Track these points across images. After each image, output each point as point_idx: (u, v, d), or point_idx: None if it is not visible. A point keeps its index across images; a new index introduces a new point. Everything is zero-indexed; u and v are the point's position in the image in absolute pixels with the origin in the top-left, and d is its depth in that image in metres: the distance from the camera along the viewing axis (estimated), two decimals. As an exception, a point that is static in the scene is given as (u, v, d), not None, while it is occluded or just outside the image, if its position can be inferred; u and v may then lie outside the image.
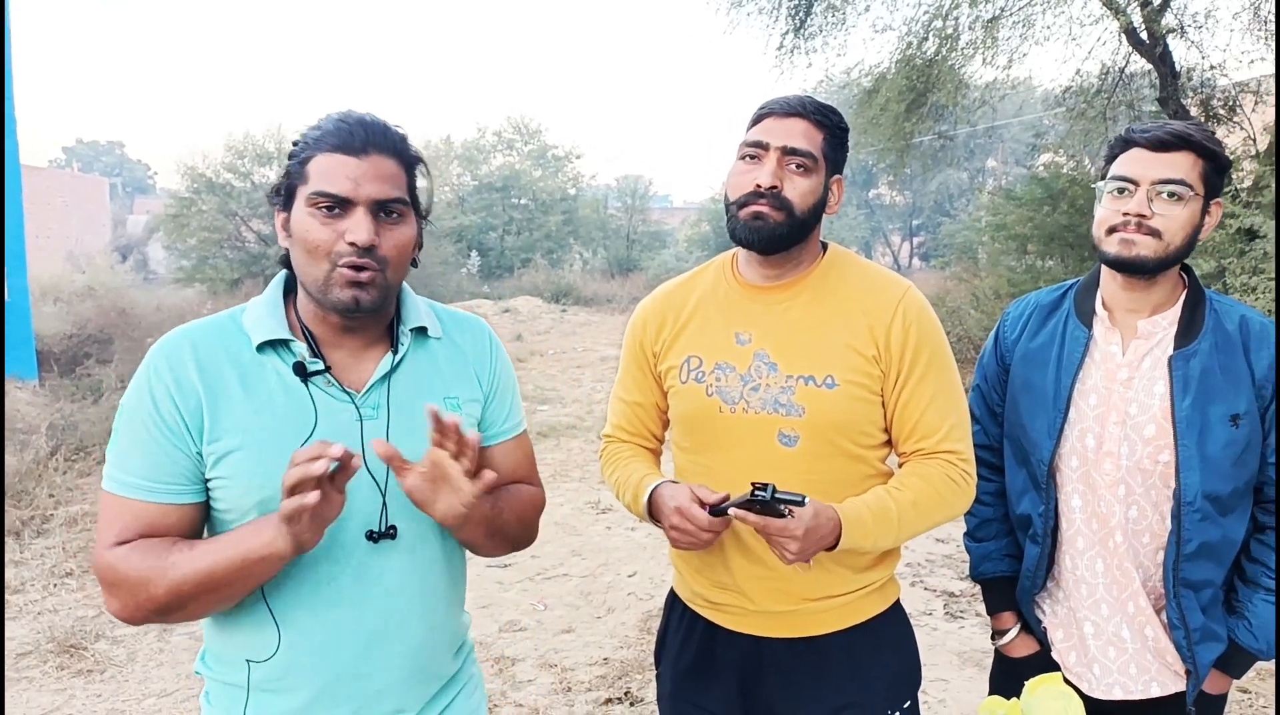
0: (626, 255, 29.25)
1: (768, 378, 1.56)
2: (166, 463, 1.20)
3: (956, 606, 4.35)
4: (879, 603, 1.65)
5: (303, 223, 1.22)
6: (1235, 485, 1.59)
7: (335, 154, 1.21)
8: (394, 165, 1.25)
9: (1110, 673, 1.71)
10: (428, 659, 1.37)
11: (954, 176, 30.59)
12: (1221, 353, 1.60)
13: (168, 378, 1.21)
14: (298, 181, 1.24)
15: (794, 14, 10.53)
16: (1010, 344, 1.82)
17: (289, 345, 1.27)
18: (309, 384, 1.26)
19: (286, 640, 1.25)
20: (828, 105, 1.57)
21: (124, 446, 1.22)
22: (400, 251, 1.26)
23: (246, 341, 1.26)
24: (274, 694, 1.27)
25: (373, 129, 1.24)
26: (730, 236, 1.59)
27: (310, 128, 1.26)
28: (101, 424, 6.90)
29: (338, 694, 1.28)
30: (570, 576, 4.79)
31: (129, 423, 1.22)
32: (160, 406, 1.20)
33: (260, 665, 1.26)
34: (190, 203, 20.43)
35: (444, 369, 1.38)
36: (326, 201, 1.20)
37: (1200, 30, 8.53)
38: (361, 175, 1.21)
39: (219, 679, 1.31)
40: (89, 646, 3.87)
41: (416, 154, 1.30)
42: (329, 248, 1.21)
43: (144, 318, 11.34)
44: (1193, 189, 1.57)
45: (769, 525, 1.36)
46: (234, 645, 1.28)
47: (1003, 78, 9.81)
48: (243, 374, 1.24)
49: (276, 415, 1.23)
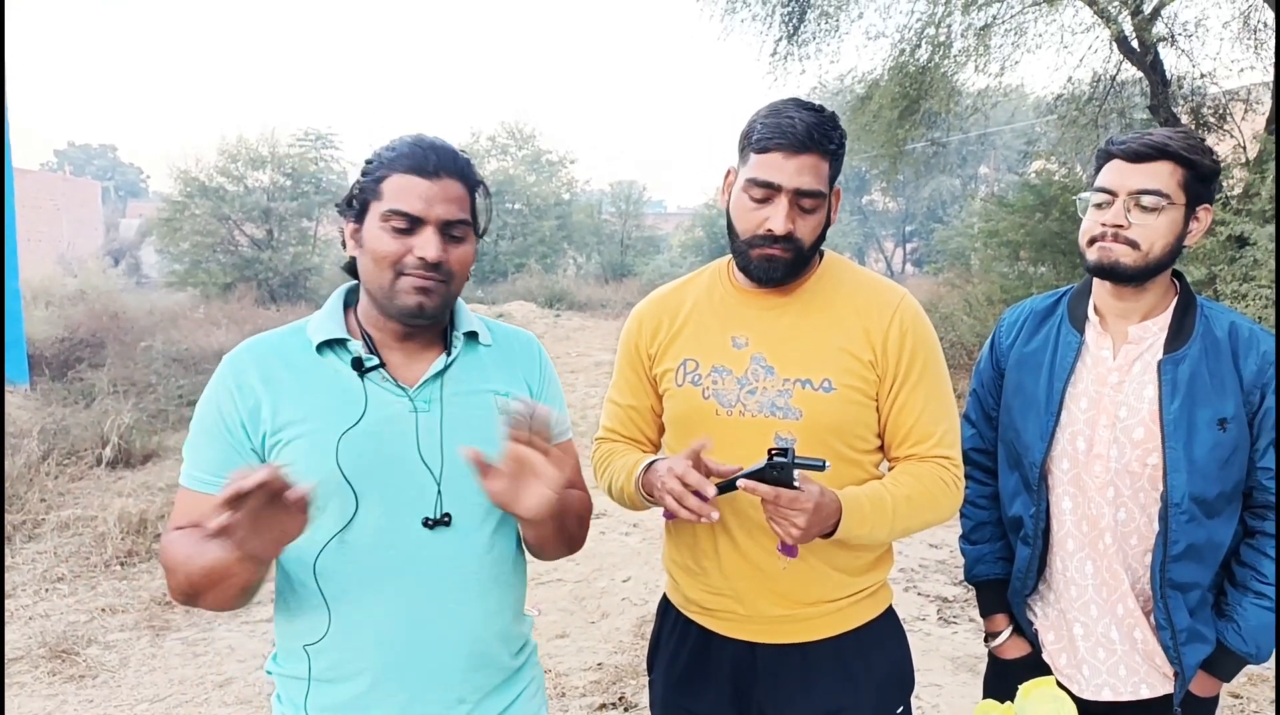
0: (620, 260, 29.27)
1: (765, 381, 1.57)
2: (226, 459, 1.31)
3: (950, 612, 4.36)
4: (872, 608, 1.66)
5: (375, 236, 1.32)
6: (1222, 488, 1.61)
7: (410, 175, 1.30)
8: (460, 188, 1.34)
9: (1099, 674, 1.72)
10: (484, 647, 1.41)
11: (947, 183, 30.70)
12: (1210, 358, 1.62)
13: (231, 384, 1.33)
14: (371, 197, 1.33)
15: (787, 20, 10.55)
16: (1005, 349, 1.84)
17: (346, 344, 1.36)
18: (364, 379, 1.34)
19: (336, 622, 1.32)
20: (828, 118, 1.52)
21: (195, 444, 1.35)
22: (462, 267, 1.36)
23: (308, 346, 1.36)
24: (332, 683, 1.34)
25: (444, 154, 1.33)
26: (740, 269, 1.61)
27: (385, 147, 1.35)
28: (93, 428, 6.88)
29: (393, 680, 1.33)
30: (564, 581, 4.79)
31: (200, 424, 1.35)
32: (223, 409, 1.32)
33: (314, 648, 1.33)
34: (183, 206, 20.36)
35: (492, 372, 1.46)
36: (400, 220, 1.30)
37: (1190, 39, 8.60)
38: (433, 197, 1.30)
39: (285, 674, 1.38)
40: (81, 652, 3.86)
41: (479, 178, 1.40)
42: (397, 259, 1.31)
43: (136, 322, 11.32)
44: (1170, 198, 1.59)
45: (780, 496, 1.34)
46: (294, 634, 1.36)
47: (995, 85, 9.86)
48: (299, 372, 1.35)
49: (330, 403, 1.32)
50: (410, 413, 1.35)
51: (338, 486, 1.29)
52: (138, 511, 5.39)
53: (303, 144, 22.34)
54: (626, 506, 1.69)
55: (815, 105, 1.53)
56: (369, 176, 1.34)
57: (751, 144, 1.52)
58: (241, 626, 4.18)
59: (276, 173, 21.65)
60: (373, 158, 1.36)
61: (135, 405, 7.69)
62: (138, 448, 6.89)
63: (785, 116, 1.49)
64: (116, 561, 4.91)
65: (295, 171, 21.74)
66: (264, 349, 1.37)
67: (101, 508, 5.56)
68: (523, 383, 1.49)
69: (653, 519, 5.56)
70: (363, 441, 1.31)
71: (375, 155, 1.35)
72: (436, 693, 1.36)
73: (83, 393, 8.22)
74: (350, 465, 1.30)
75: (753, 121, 1.54)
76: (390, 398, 1.35)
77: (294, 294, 20.26)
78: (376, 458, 1.31)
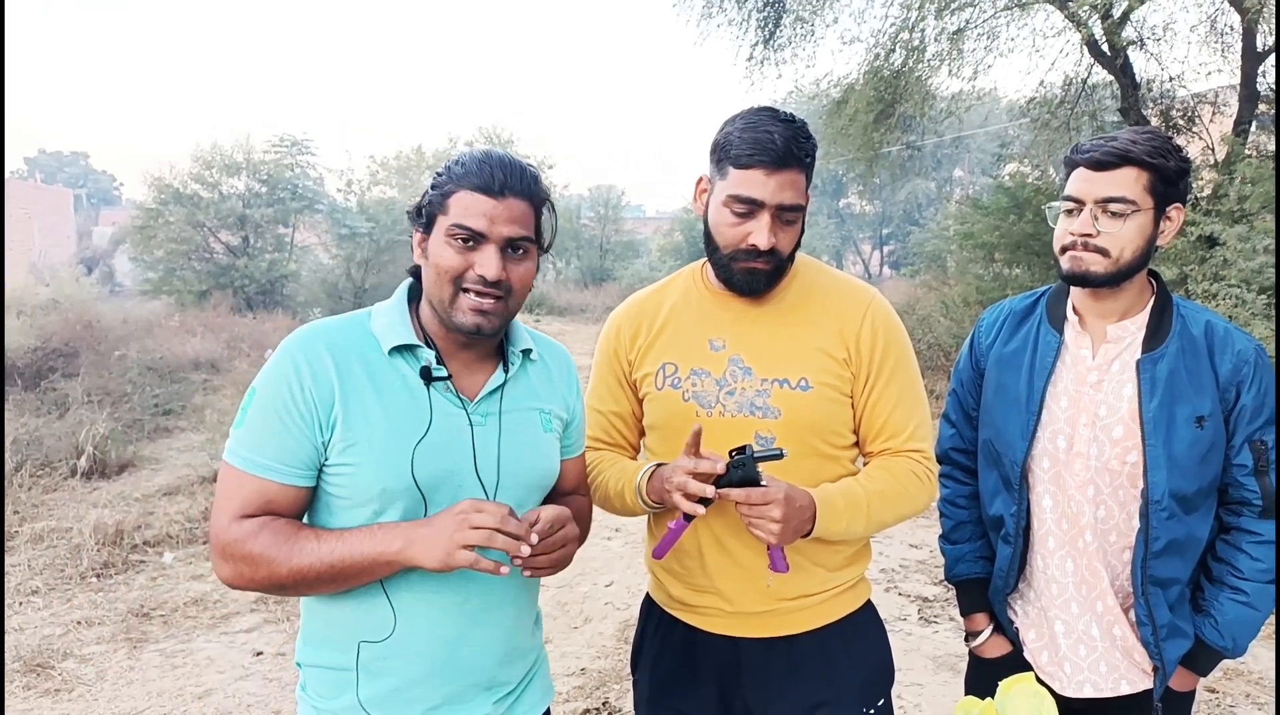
0: (600, 265, 29.30)
1: (743, 382, 1.60)
2: (294, 447, 1.31)
3: (931, 611, 4.39)
4: (851, 602, 1.69)
5: (439, 249, 1.35)
6: (1200, 485, 1.63)
7: (475, 193, 1.34)
8: (525, 206, 1.37)
9: (1081, 671, 1.74)
10: (519, 638, 1.51)
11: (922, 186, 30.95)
12: (1187, 356, 1.64)
13: (305, 369, 1.33)
14: (438, 211, 1.37)
15: (763, 26, 10.63)
16: (985, 349, 1.86)
17: (416, 351, 1.39)
18: (430, 388, 1.38)
19: (402, 624, 1.37)
20: (800, 129, 1.53)
21: (256, 427, 1.33)
22: (523, 284, 1.40)
23: (375, 344, 1.38)
24: (382, 675, 1.38)
25: (511, 171, 1.36)
26: (721, 280, 1.63)
27: (454, 162, 1.39)
28: (67, 439, 6.79)
29: (443, 672, 1.40)
30: (547, 587, 4.77)
31: (262, 406, 1.33)
32: (295, 395, 1.31)
33: (373, 646, 1.37)
34: (157, 214, 20.11)
35: (539, 388, 1.52)
36: (464, 234, 1.33)
37: (1159, 43, 8.74)
38: (497, 215, 1.33)
39: (323, 664, 1.41)
40: (56, 665, 3.80)
41: (545, 194, 1.43)
42: (458, 273, 1.34)
43: (110, 330, 11.17)
44: (1136, 204, 1.61)
45: (750, 495, 1.39)
46: (345, 628, 1.39)
47: (968, 89, 9.97)
48: (372, 373, 1.36)
49: (401, 413, 1.35)
50: (467, 426, 1.39)
51: (410, 494, 1.33)
52: (114, 522, 5.32)
53: (278, 150, 22.15)
54: (616, 512, 1.70)
55: (787, 115, 1.54)
56: (437, 190, 1.37)
57: (730, 158, 1.52)
58: (221, 637, 4.13)
59: (252, 179, 21.45)
60: (442, 171, 1.39)
61: (110, 415, 7.60)
62: (113, 458, 6.81)
63: (763, 131, 1.49)
64: (92, 573, 4.85)
65: (271, 178, 21.55)
66: (336, 339, 1.37)
67: (77, 519, 5.49)
68: (562, 401, 1.55)
69: (635, 523, 5.55)
70: (431, 452, 1.35)
71: (445, 169, 1.39)
72: (478, 681, 1.44)
73: (56, 403, 8.11)
74: (422, 476, 1.34)
75: (728, 133, 1.54)
76: (451, 409, 1.39)
77: (270, 301, 20.09)
78: (440, 468, 1.35)
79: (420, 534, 1.27)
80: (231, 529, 1.30)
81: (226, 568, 1.31)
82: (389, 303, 1.45)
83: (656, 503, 1.56)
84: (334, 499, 1.36)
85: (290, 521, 1.33)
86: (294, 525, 1.32)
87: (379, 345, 1.38)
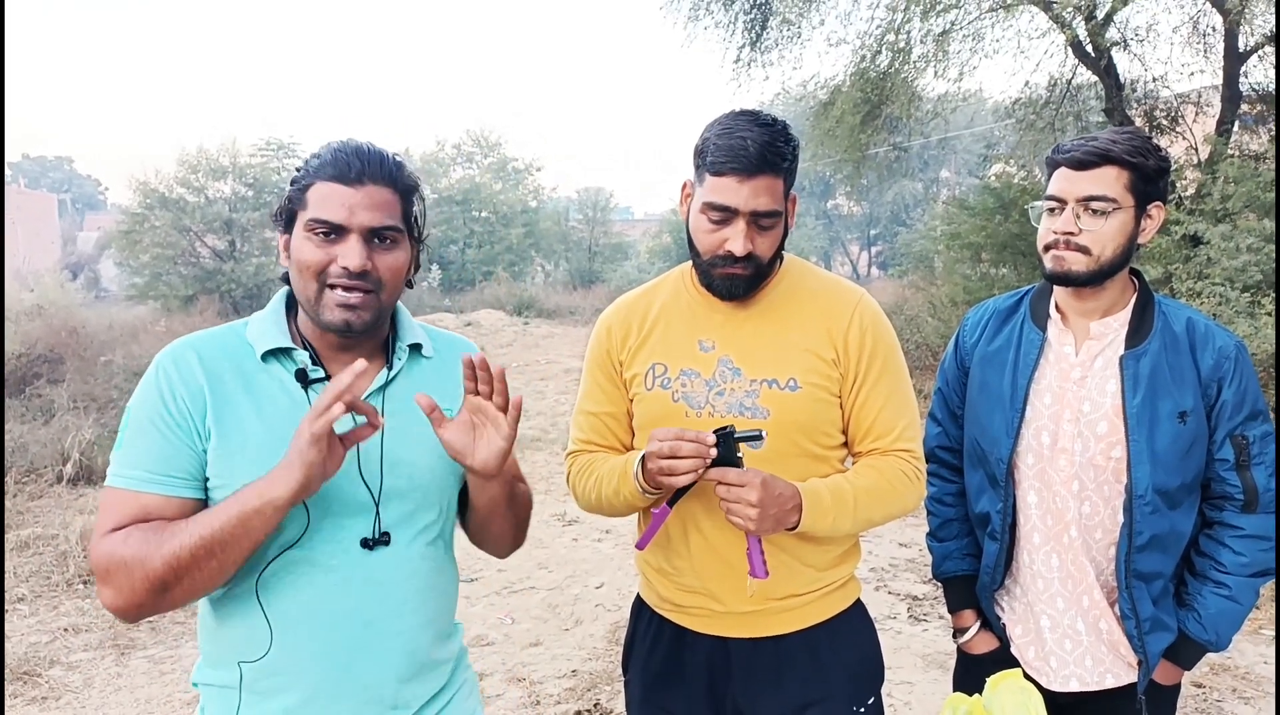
0: (588, 267, 29.27)
1: (732, 382, 1.60)
2: (171, 455, 1.25)
3: (920, 610, 4.41)
4: (841, 601, 1.69)
5: (300, 245, 1.30)
6: (1183, 480, 1.65)
7: (332, 183, 1.28)
8: (388, 193, 1.31)
9: (1067, 665, 1.75)
10: (423, 655, 1.39)
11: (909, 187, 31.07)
12: (1170, 353, 1.66)
13: (175, 378, 1.27)
14: (298, 207, 1.31)
15: (750, 28, 10.64)
16: (969, 348, 1.88)
17: (291, 354, 1.33)
18: (309, 391, 1.31)
19: (279, 639, 1.28)
20: (779, 132, 1.51)
21: (130, 444, 1.26)
22: (393, 274, 1.33)
23: (250, 351, 1.33)
24: (265, 695, 1.29)
25: (369, 159, 1.30)
26: (703, 285, 1.63)
27: (312, 155, 1.33)
28: (53, 445, 6.74)
29: (331, 691, 1.30)
30: (537, 589, 4.77)
31: (136, 421, 1.27)
32: (168, 403, 1.26)
33: (251, 665, 1.28)
34: (143, 218, 20.03)
35: (436, 384, 1.43)
36: (322, 228, 1.28)
37: (1142, 44, 8.79)
38: (356, 204, 1.28)
39: (212, 683, 1.33)
40: (43, 673, 3.78)
41: (411, 181, 1.37)
42: (320, 268, 1.28)
43: (96, 336, 11.09)
44: (1117, 202, 1.63)
45: (726, 475, 1.40)
46: (227, 647, 1.31)
47: (954, 90, 10.01)
48: (246, 380, 1.30)
49: (277, 417, 1.28)
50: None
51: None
52: (100, 529, 5.29)
53: (264, 153, 22.08)
54: (612, 510, 1.67)
55: (766, 119, 1.52)
56: (296, 186, 1.32)
57: (706, 165, 1.52)
58: (209, 643, 4.11)
59: (238, 183, 21.38)
60: (301, 167, 1.34)
61: (96, 421, 7.55)
62: (99, 464, 6.76)
63: (738, 137, 1.48)
64: (79, 580, 4.82)
65: (257, 181, 21.49)
66: (206, 348, 1.32)
67: (63, 526, 5.46)
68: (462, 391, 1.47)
69: (625, 525, 5.56)
70: None
71: (304, 164, 1.33)
72: (373, 703, 1.33)
73: (41, 409, 8.06)
74: None
75: (706, 139, 1.54)
76: None
77: (257, 305, 19.86)
78: None
79: (277, 468, 1.18)
80: (101, 544, 1.21)
81: (106, 590, 1.21)
82: (264, 310, 1.39)
83: (653, 487, 1.55)
84: None
85: (163, 521, 1.23)
86: (165, 523, 1.22)
87: (253, 352, 1.32)
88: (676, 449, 1.42)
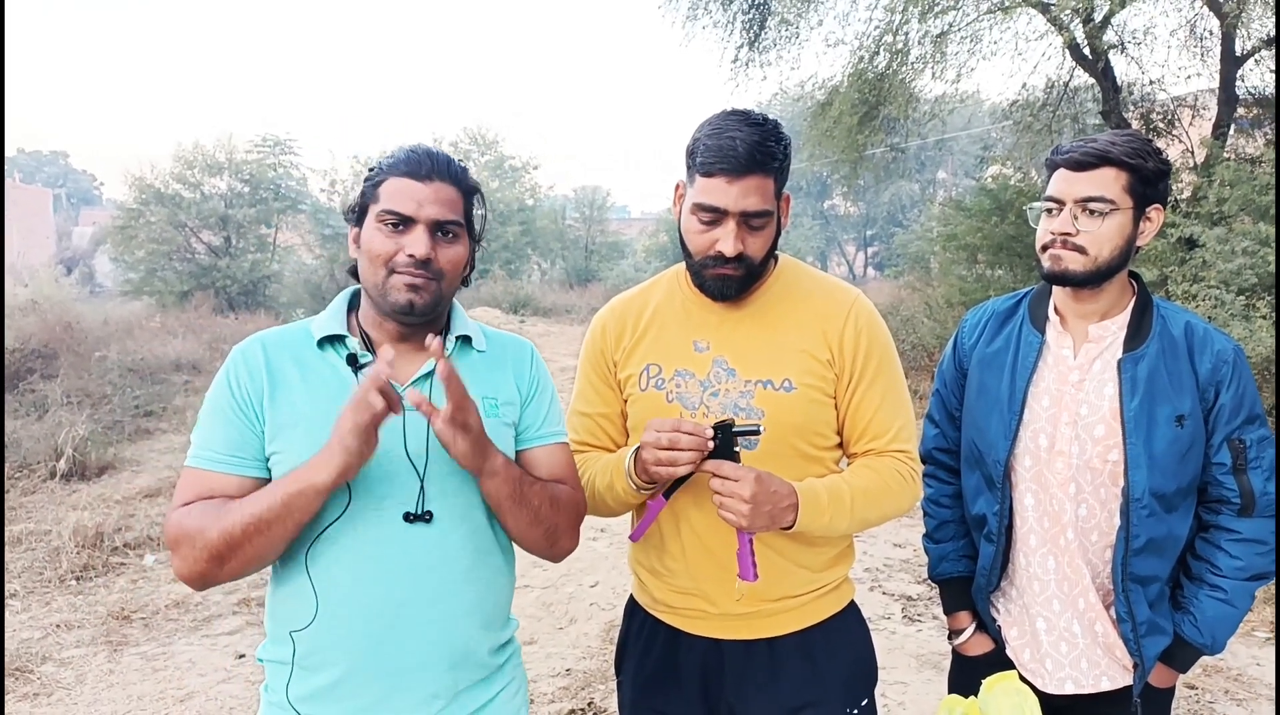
0: (585, 266, 29.28)
1: (727, 383, 1.60)
2: (236, 438, 1.37)
3: (914, 610, 4.41)
4: (835, 603, 1.69)
5: (370, 236, 1.40)
6: (1180, 483, 1.65)
7: (404, 179, 1.39)
8: (454, 192, 1.42)
9: (1062, 667, 1.76)
10: (462, 644, 1.42)
11: (906, 188, 31.14)
12: (1168, 356, 1.66)
13: (242, 368, 1.40)
14: (370, 201, 1.41)
15: (748, 28, 10.64)
16: (968, 349, 1.88)
17: (344, 341, 1.43)
18: (359, 375, 1.40)
19: (324, 609, 1.35)
20: (769, 132, 1.50)
21: (203, 426, 1.40)
22: (453, 266, 1.43)
23: (310, 340, 1.44)
24: (311, 671, 1.37)
25: (438, 159, 1.42)
26: (696, 286, 1.63)
27: (385, 156, 1.44)
28: (46, 440, 6.72)
29: (367, 670, 1.36)
30: (532, 588, 4.77)
31: (209, 407, 1.40)
32: (234, 391, 1.38)
33: (301, 635, 1.36)
34: (138, 213, 19.98)
35: (484, 375, 1.50)
36: (393, 218, 1.38)
37: (1140, 47, 8.82)
38: (425, 198, 1.38)
39: (272, 659, 1.42)
40: (35, 669, 3.77)
41: (475, 184, 1.48)
42: (389, 257, 1.38)
43: (90, 332, 11.05)
44: (1115, 203, 1.63)
45: (720, 467, 1.40)
46: (282, 619, 1.40)
47: (951, 91, 10.02)
48: (302, 365, 1.41)
49: (326, 398, 1.37)
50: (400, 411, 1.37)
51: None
52: (93, 525, 5.27)
53: (261, 150, 22.04)
54: (606, 510, 1.67)
55: (756, 118, 1.51)
56: (369, 182, 1.42)
57: (696, 165, 1.52)
58: (202, 640, 4.10)
59: (234, 179, 21.35)
60: (374, 166, 1.44)
61: (90, 416, 7.54)
62: (93, 460, 6.75)
63: (727, 137, 1.48)
64: (72, 576, 4.81)
65: (254, 178, 21.45)
66: (272, 340, 1.45)
67: (56, 521, 5.44)
68: (512, 385, 1.53)
69: (619, 524, 5.55)
70: None
71: (376, 163, 1.44)
72: (411, 687, 1.38)
73: (35, 404, 8.03)
74: None
75: (696, 139, 1.53)
76: None
77: (253, 302, 19.98)
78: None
79: (320, 453, 1.27)
80: (172, 516, 1.33)
81: (176, 559, 1.33)
82: (330, 305, 1.50)
83: (646, 482, 1.54)
84: None
85: (226, 498, 1.33)
86: (226, 500, 1.32)
87: (312, 340, 1.43)
88: (676, 441, 1.41)
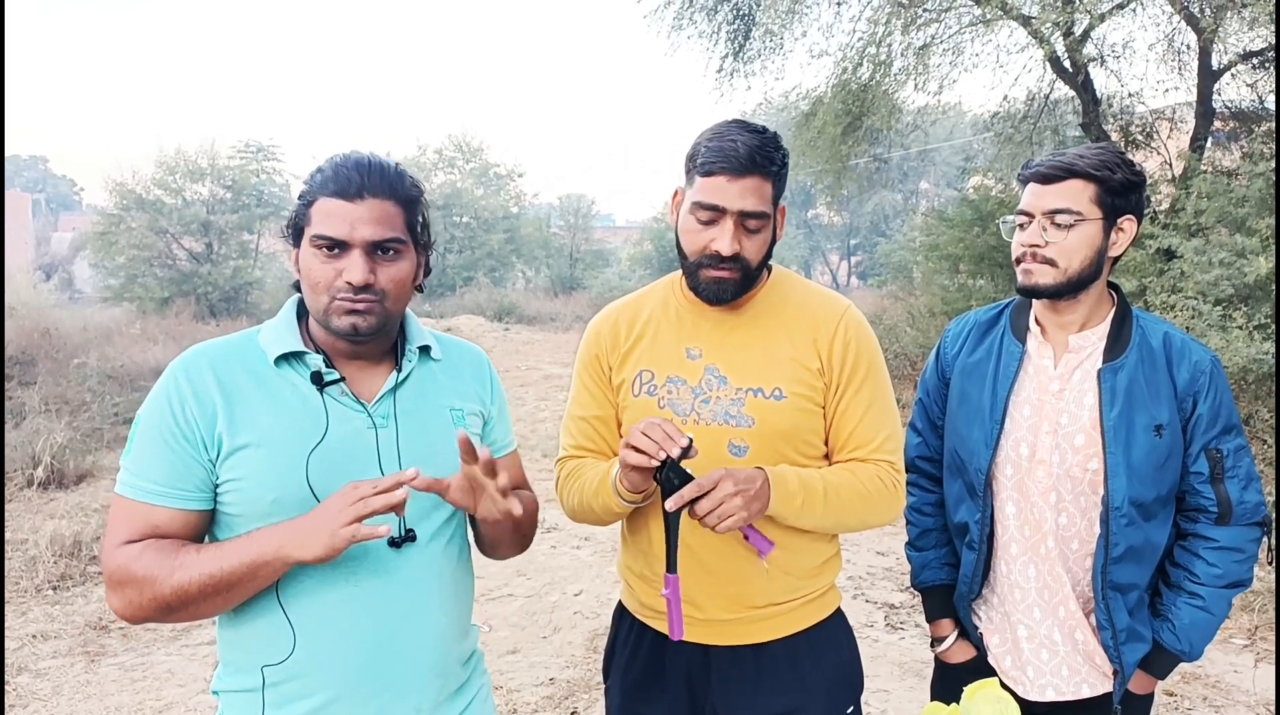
0: (570, 274, 29.26)
1: (718, 391, 1.61)
2: (181, 470, 1.28)
3: (897, 618, 4.43)
4: (821, 610, 1.70)
5: (308, 261, 1.33)
6: (1158, 492, 1.67)
7: (333, 199, 1.31)
8: (389, 206, 1.33)
9: (1043, 674, 1.77)
10: (442, 656, 1.43)
11: (889, 198, 31.30)
12: (1146, 366, 1.68)
13: (186, 390, 1.30)
14: (303, 222, 1.34)
15: (733, 38, 10.70)
16: (950, 359, 1.90)
17: (304, 358, 1.36)
18: (324, 394, 1.34)
19: (302, 642, 1.30)
20: (769, 139, 1.54)
21: (140, 454, 1.29)
22: (397, 284, 1.35)
23: (263, 356, 1.35)
24: (290, 697, 1.31)
25: (369, 172, 1.32)
26: (690, 289, 1.64)
27: (316, 170, 1.36)
28: (24, 448, 6.64)
29: (356, 695, 1.33)
30: (515, 597, 4.75)
31: (146, 431, 1.30)
32: (177, 416, 1.28)
33: (275, 669, 1.31)
34: (119, 219, 19.80)
35: (445, 384, 1.48)
36: (326, 243, 1.30)
37: (1119, 60, 8.93)
38: (357, 219, 1.30)
39: (233, 689, 1.35)
40: (11, 680, 3.72)
41: (414, 191, 1.39)
42: (329, 283, 1.31)
43: (69, 338, 10.94)
44: (1081, 214, 1.65)
45: (700, 485, 1.38)
46: (248, 652, 1.33)
47: (934, 103, 10.15)
48: (260, 382, 1.33)
49: (293, 418, 1.31)
50: (369, 429, 1.35)
51: (306, 504, 1.27)
52: (71, 534, 5.21)
53: (243, 156, 21.92)
54: (594, 517, 1.66)
55: (757, 127, 1.56)
56: (302, 201, 1.35)
57: (696, 167, 1.55)
58: (181, 650, 4.06)
59: (216, 185, 21.20)
60: (307, 181, 1.36)
61: (68, 424, 7.45)
62: (71, 468, 6.67)
63: (728, 139, 1.52)
64: (48, 586, 4.75)
65: (236, 184, 21.31)
66: (220, 355, 1.35)
67: (33, 530, 5.38)
68: (474, 396, 1.52)
69: (604, 532, 5.54)
70: (329, 458, 1.30)
71: (309, 178, 1.36)
72: (397, 703, 1.36)
73: (12, 412, 7.93)
74: (320, 483, 1.28)
75: (697, 144, 1.57)
76: (350, 413, 1.35)
77: (234, 308, 19.82)
78: (343, 475, 1.29)
79: (299, 525, 1.21)
80: (116, 555, 1.25)
81: (115, 597, 1.26)
82: (276, 317, 1.42)
83: (631, 493, 1.53)
84: (229, 517, 1.31)
85: (176, 541, 1.27)
86: (178, 544, 1.26)
87: (265, 357, 1.35)
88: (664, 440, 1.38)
